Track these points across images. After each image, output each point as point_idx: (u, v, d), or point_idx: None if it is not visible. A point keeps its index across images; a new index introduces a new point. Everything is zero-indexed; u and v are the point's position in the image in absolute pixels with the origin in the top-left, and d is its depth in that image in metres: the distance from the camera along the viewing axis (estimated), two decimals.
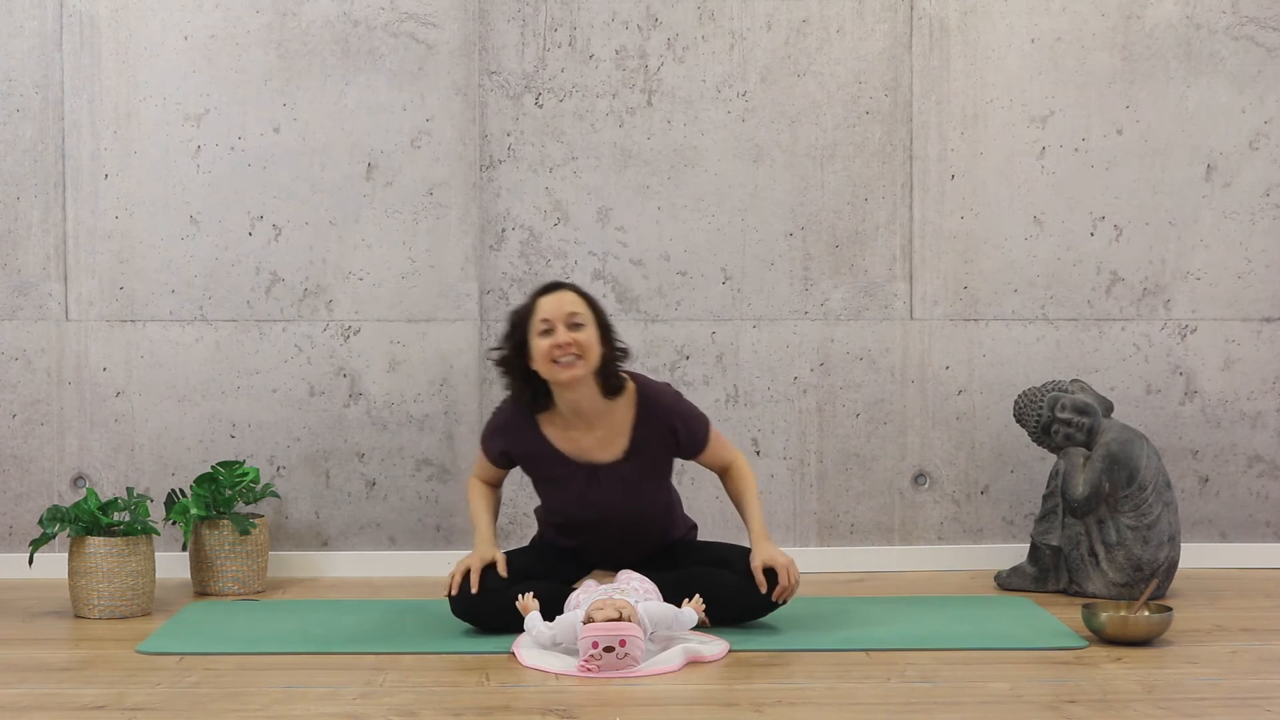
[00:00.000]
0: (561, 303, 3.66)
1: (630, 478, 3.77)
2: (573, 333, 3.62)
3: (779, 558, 3.71)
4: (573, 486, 3.78)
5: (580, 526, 3.84)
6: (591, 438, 3.75)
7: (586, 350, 3.63)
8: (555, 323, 3.63)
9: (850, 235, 4.69)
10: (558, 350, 3.61)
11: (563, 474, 3.78)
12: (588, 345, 3.64)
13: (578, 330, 3.64)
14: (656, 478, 3.85)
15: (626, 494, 3.78)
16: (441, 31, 4.61)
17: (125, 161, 4.57)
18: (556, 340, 3.61)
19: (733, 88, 4.65)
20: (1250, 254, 4.76)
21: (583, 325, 3.65)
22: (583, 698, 3.15)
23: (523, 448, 3.80)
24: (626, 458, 3.76)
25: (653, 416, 3.76)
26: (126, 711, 3.05)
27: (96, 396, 4.59)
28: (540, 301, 3.69)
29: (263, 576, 4.37)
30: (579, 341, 3.62)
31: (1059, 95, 4.70)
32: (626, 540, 3.87)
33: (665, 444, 3.80)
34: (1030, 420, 4.41)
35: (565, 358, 3.61)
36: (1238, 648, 3.61)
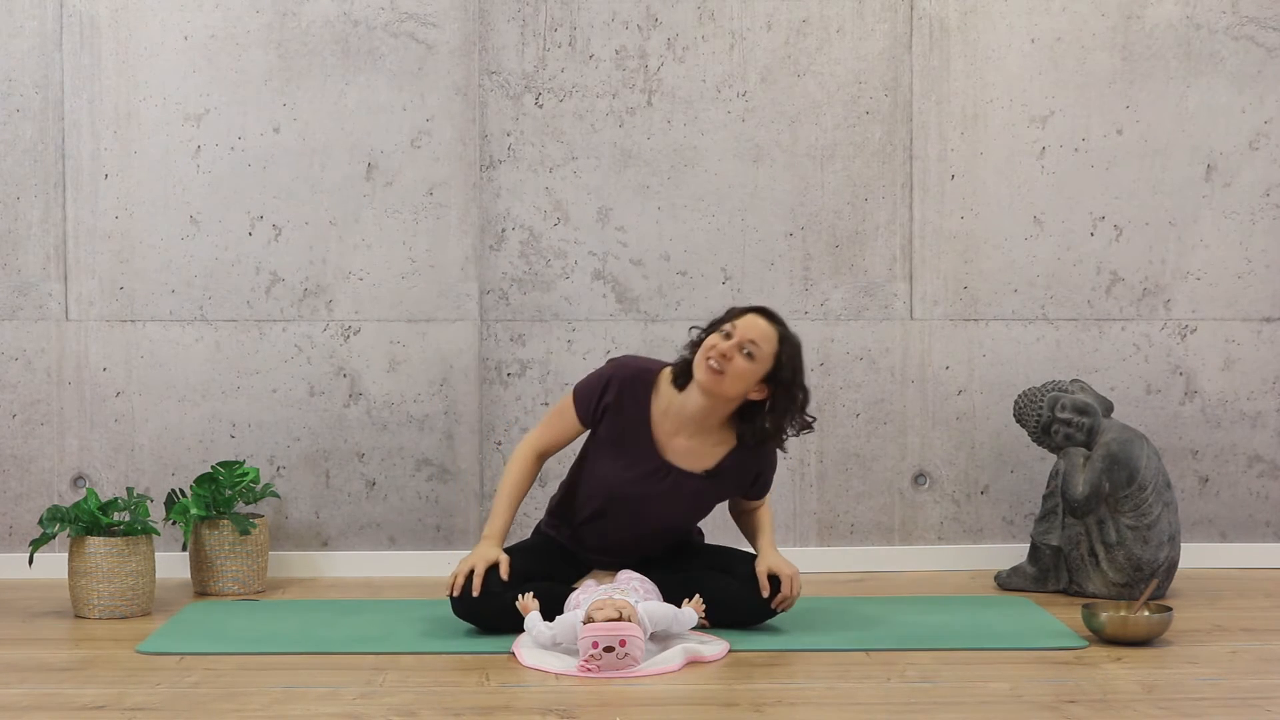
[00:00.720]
0: (756, 327, 3.65)
1: (692, 494, 3.78)
2: (740, 354, 3.61)
3: (785, 567, 3.72)
4: (638, 468, 3.74)
5: (612, 508, 3.78)
6: (686, 443, 3.74)
7: (735, 376, 3.62)
8: (736, 334, 3.63)
9: (850, 235, 4.69)
10: (714, 353, 3.61)
11: (637, 452, 3.74)
12: (740, 374, 3.62)
13: (746, 358, 3.62)
14: (710, 506, 3.87)
15: (679, 504, 3.79)
16: (441, 31, 4.61)
17: (125, 161, 4.57)
18: (721, 346, 3.61)
19: (733, 88, 4.65)
20: (1250, 254, 4.76)
21: (753, 357, 3.62)
22: (583, 698, 3.15)
23: (626, 402, 3.74)
24: (705, 476, 3.76)
25: (749, 457, 3.77)
26: (126, 711, 3.05)
27: (96, 396, 4.59)
28: (747, 314, 3.68)
29: (263, 576, 4.37)
30: (736, 363, 3.61)
31: (1059, 95, 4.70)
32: (637, 540, 3.86)
33: (742, 482, 3.82)
34: (1030, 420, 4.41)
35: (715, 362, 3.61)
36: (1238, 648, 3.61)
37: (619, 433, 3.76)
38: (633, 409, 3.75)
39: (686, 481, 3.75)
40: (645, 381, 3.76)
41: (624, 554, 3.88)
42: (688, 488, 3.76)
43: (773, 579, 3.72)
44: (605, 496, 3.79)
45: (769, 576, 3.71)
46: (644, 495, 3.76)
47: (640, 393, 3.75)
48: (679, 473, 3.75)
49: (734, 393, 3.65)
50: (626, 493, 3.77)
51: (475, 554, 3.69)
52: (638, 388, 3.75)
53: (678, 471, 3.75)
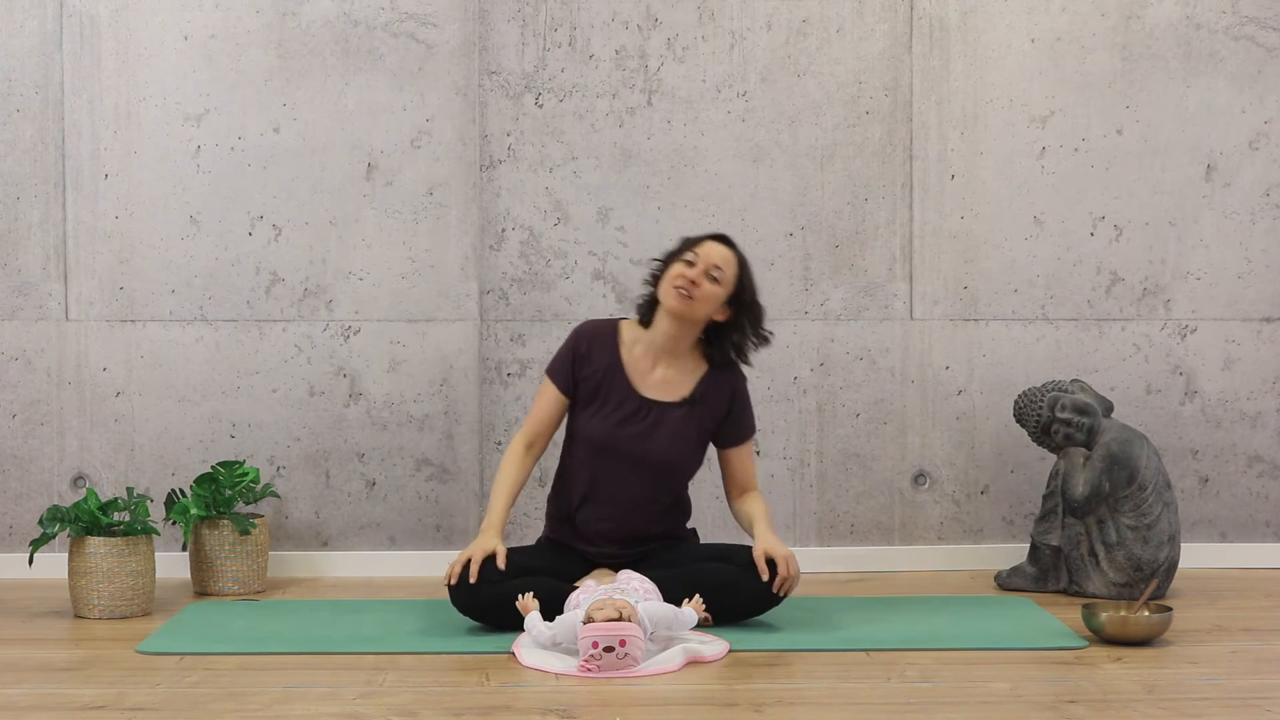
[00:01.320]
0: (716, 252, 3.84)
1: (677, 424, 3.88)
2: (705, 279, 3.80)
3: (779, 549, 3.76)
4: (621, 411, 3.87)
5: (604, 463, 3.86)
6: (660, 374, 3.91)
7: (701, 299, 3.81)
8: (699, 261, 3.81)
9: (850, 235, 4.69)
10: (681, 279, 3.79)
11: (617, 397, 3.88)
12: (706, 297, 3.82)
13: (711, 282, 3.81)
14: (696, 438, 3.92)
15: (666, 437, 3.86)
16: (441, 31, 4.61)
17: (125, 161, 4.57)
18: (687, 272, 3.79)
19: (733, 88, 4.65)
20: (1250, 254, 4.76)
21: (717, 281, 3.82)
22: (583, 698, 3.15)
23: (597, 355, 3.91)
24: (684, 403, 3.90)
25: (721, 379, 3.94)
26: (126, 711, 3.05)
27: (96, 396, 4.59)
28: (705, 242, 3.87)
29: (263, 576, 4.37)
30: (703, 288, 3.80)
31: (1059, 95, 4.70)
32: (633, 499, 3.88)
33: (719, 408, 3.93)
34: (1030, 420, 4.41)
35: (683, 289, 3.78)
36: (1238, 648, 3.61)
37: (596, 385, 3.90)
38: (603, 356, 3.91)
39: (668, 412, 3.88)
40: (608, 331, 3.97)
41: (622, 524, 3.89)
42: (671, 419, 3.88)
43: (770, 563, 3.73)
44: (596, 452, 3.88)
45: (766, 560, 3.73)
46: (632, 436, 3.85)
47: (607, 340, 3.94)
48: (660, 406, 3.88)
49: (701, 315, 3.84)
50: (616, 440, 3.87)
51: (473, 545, 3.74)
52: (603, 337, 3.95)
53: (659, 405, 3.88)
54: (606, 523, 3.90)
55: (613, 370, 3.90)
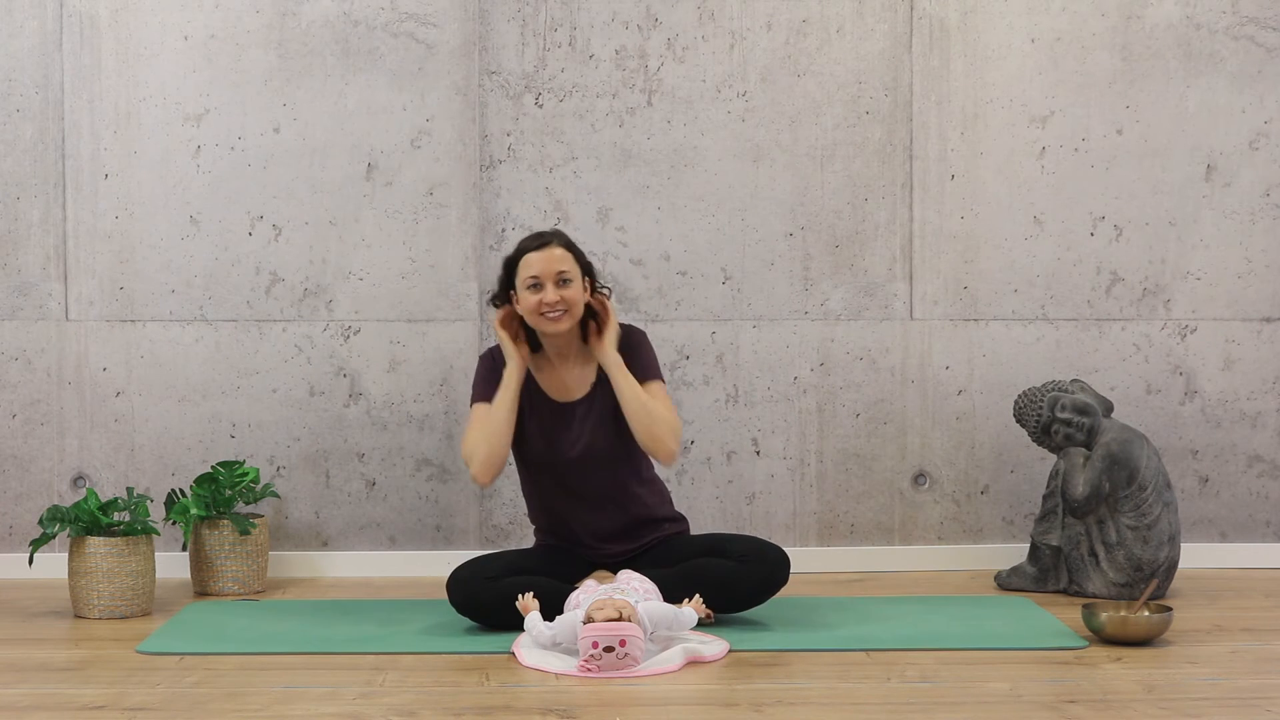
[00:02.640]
0: (550, 260, 3.80)
1: (599, 410, 3.87)
2: (560, 290, 3.79)
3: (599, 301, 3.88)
4: (548, 423, 3.88)
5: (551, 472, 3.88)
6: (568, 373, 3.92)
7: (573, 305, 3.82)
8: (544, 279, 3.78)
9: (850, 235, 4.69)
10: (545, 306, 3.78)
11: (542, 412, 3.89)
12: (574, 300, 3.82)
13: (565, 287, 3.81)
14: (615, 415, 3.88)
15: (600, 423, 3.86)
16: (441, 31, 4.61)
17: (125, 161, 4.57)
18: (545, 298, 3.78)
19: (733, 88, 4.65)
20: (1250, 254, 4.76)
21: (570, 281, 3.81)
22: (583, 698, 3.15)
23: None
24: (593, 389, 3.90)
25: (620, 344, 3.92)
26: (126, 711, 3.05)
27: (96, 396, 4.59)
28: (529, 256, 3.82)
29: (263, 576, 4.37)
30: (565, 298, 3.80)
31: (1059, 95, 4.70)
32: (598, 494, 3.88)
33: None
34: (1030, 420, 4.41)
35: (553, 313, 3.79)
36: (1238, 648, 3.61)
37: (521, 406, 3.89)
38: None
39: (585, 405, 3.89)
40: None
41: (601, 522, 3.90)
42: (590, 409, 3.88)
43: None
44: (541, 472, 3.91)
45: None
46: (563, 445, 3.86)
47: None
48: (578, 404, 3.89)
49: (579, 314, 3.84)
50: (550, 457, 3.88)
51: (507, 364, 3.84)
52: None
53: (577, 404, 3.89)
54: (586, 527, 3.92)
55: (529, 387, 3.90)
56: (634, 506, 3.93)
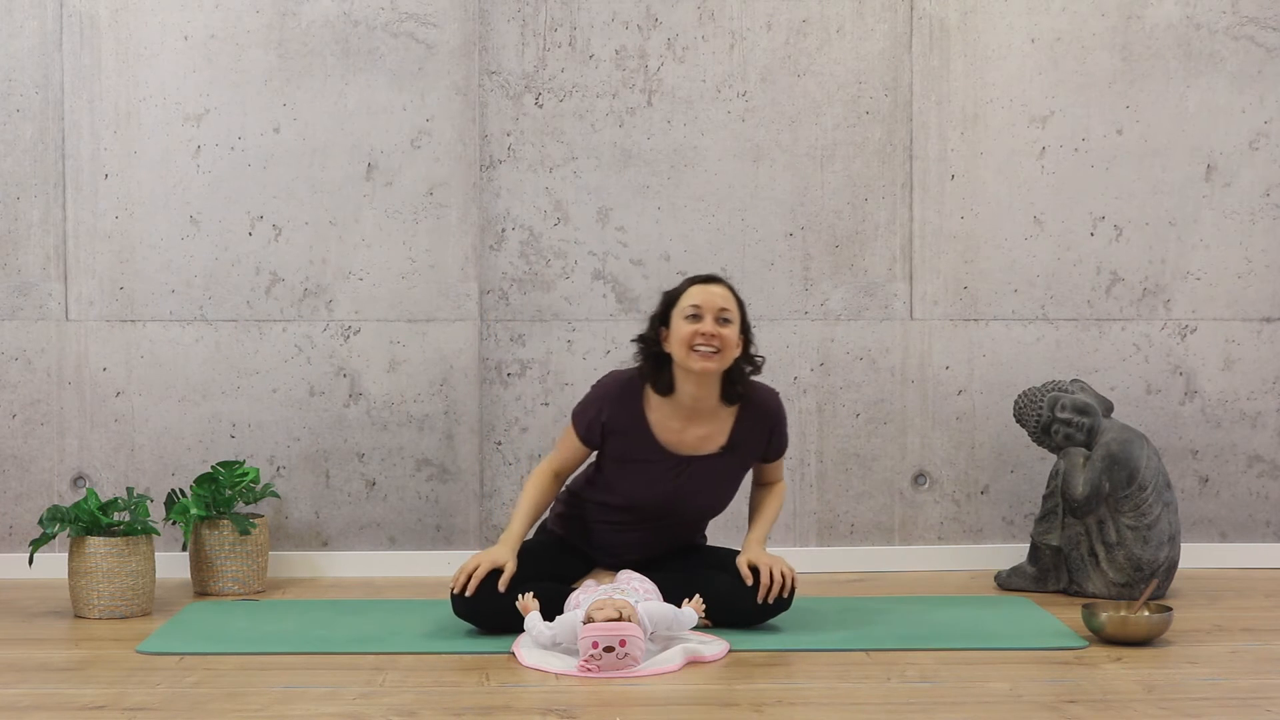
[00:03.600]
0: (715, 296, 3.67)
1: (718, 472, 3.80)
2: (719, 327, 3.64)
3: (762, 557, 3.72)
4: (656, 474, 3.76)
5: (640, 513, 3.81)
6: (692, 433, 3.76)
7: (727, 346, 3.66)
8: (705, 312, 3.64)
9: (850, 235, 4.69)
10: (700, 339, 3.63)
11: (650, 460, 3.75)
12: (729, 342, 3.66)
13: (724, 326, 3.66)
14: (739, 475, 3.86)
15: (708, 487, 3.81)
16: (441, 31, 4.61)
17: (125, 161, 4.57)
18: (701, 328, 3.63)
19: (733, 88, 4.65)
20: (1250, 254, 4.76)
21: (730, 322, 3.67)
22: (583, 698, 3.15)
23: (622, 421, 3.75)
24: (722, 453, 3.78)
25: (757, 417, 3.79)
26: (126, 711, 3.05)
27: (96, 396, 4.59)
28: (694, 289, 3.69)
29: (263, 576, 4.37)
30: (722, 336, 3.64)
31: (1059, 95, 4.70)
32: (669, 533, 3.87)
33: (758, 445, 3.83)
34: (1030, 420, 4.41)
35: (705, 348, 3.63)
36: (1238, 648, 3.61)
37: (625, 448, 3.77)
38: (630, 422, 3.75)
39: (707, 464, 3.78)
40: (632, 392, 3.76)
41: (642, 549, 3.88)
42: (711, 469, 3.79)
43: (753, 570, 3.72)
44: (629, 506, 3.81)
45: (749, 568, 3.72)
46: (669, 495, 3.78)
47: (632, 405, 3.76)
48: (697, 460, 3.77)
49: (729, 363, 3.68)
50: (648, 504, 3.79)
51: (485, 553, 3.69)
52: (628, 401, 3.76)
53: (696, 460, 3.77)
54: (625, 546, 3.88)
55: (641, 434, 3.75)
56: (693, 539, 3.95)
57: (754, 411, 3.79)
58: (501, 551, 3.69)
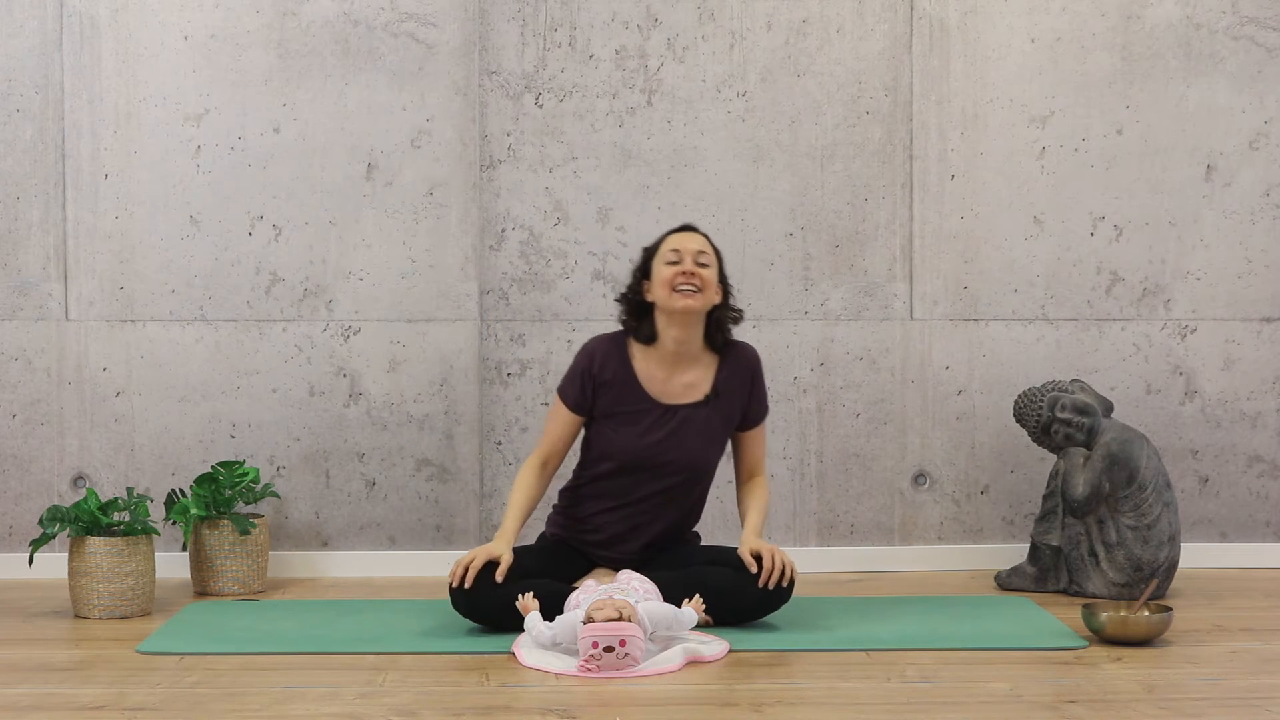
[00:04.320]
0: (692, 241, 3.86)
1: (704, 422, 3.87)
2: (698, 268, 3.80)
3: (764, 545, 3.76)
4: (645, 425, 3.85)
5: (633, 476, 3.85)
6: (678, 381, 3.88)
7: (706, 286, 3.82)
8: (684, 255, 3.82)
9: (850, 235, 4.69)
10: (681, 278, 3.79)
11: (638, 410, 3.86)
12: (709, 282, 3.83)
13: (703, 267, 3.82)
14: (724, 432, 3.92)
15: (696, 438, 3.86)
16: (441, 31, 4.61)
17: (125, 161, 4.57)
18: (682, 269, 3.79)
19: (733, 88, 4.65)
20: (1250, 254, 4.76)
21: (708, 265, 3.84)
22: (583, 698, 3.15)
23: (611, 370, 3.87)
24: (706, 400, 3.88)
25: (738, 363, 3.93)
26: (126, 711, 3.05)
27: (96, 396, 4.59)
28: (673, 236, 3.89)
29: (263, 576, 4.37)
30: (701, 275, 3.80)
31: (1059, 95, 4.70)
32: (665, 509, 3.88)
33: (741, 396, 3.92)
34: (1030, 420, 4.41)
35: (686, 286, 3.78)
36: (1238, 648, 3.61)
37: (615, 401, 3.87)
38: (619, 373, 3.87)
39: (693, 414, 3.86)
40: (620, 344, 3.92)
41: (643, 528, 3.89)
42: (696, 420, 3.86)
43: (756, 557, 3.74)
44: (622, 466, 3.86)
45: (752, 554, 3.75)
46: (657, 445, 3.83)
47: (620, 356, 3.90)
48: (683, 409, 3.87)
49: (709, 303, 3.84)
50: (641, 453, 3.84)
51: (481, 548, 3.73)
52: (616, 353, 3.90)
53: (682, 409, 3.86)
54: (625, 527, 3.90)
55: (628, 384, 3.87)
56: (679, 518, 3.95)
57: (735, 361, 3.93)
58: (497, 544, 3.73)
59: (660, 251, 3.86)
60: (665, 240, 3.88)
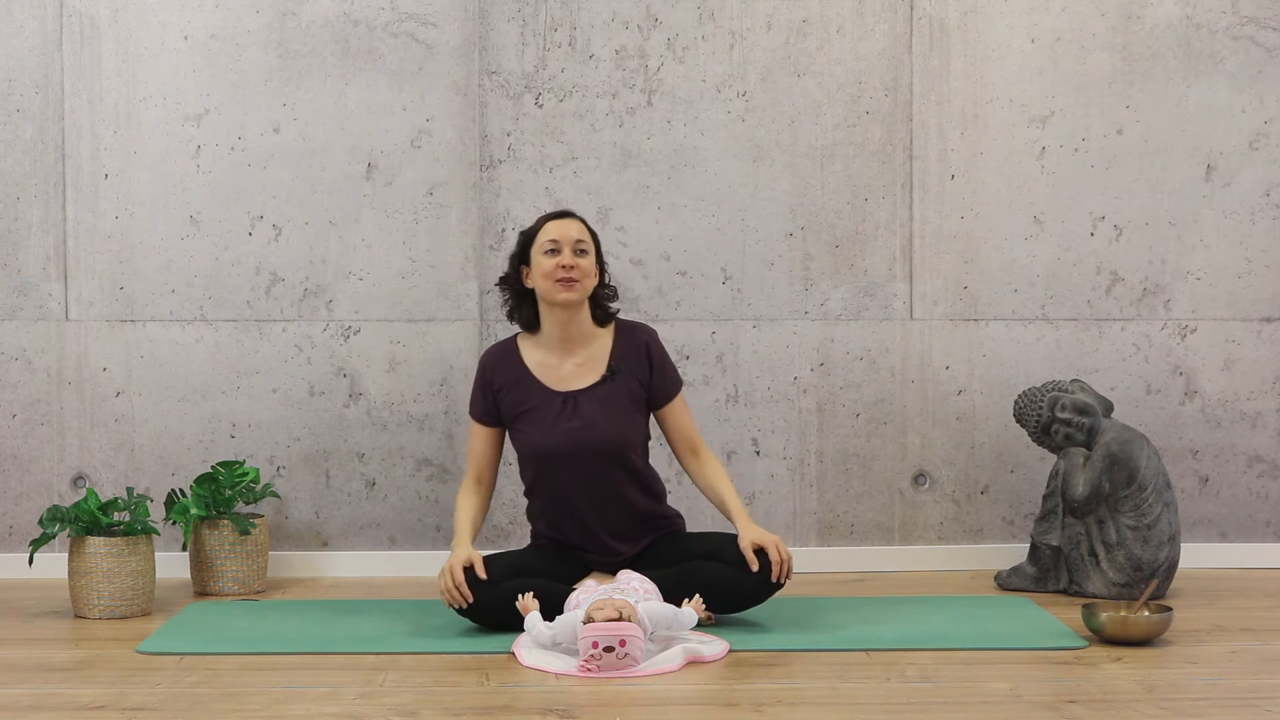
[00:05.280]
0: (570, 228, 3.86)
1: (608, 399, 3.87)
2: (577, 258, 3.82)
3: (766, 536, 3.75)
4: (550, 419, 3.85)
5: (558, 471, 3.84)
6: (571, 364, 3.91)
7: (585, 276, 3.84)
8: (562, 245, 3.83)
9: (850, 235, 4.69)
10: (561, 270, 3.80)
11: (540, 404, 3.87)
12: (587, 271, 3.85)
13: (581, 256, 3.84)
14: (633, 405, 3.91)
15: (605, 415, 3.85)
16: (441, 31, 4.61)
17: (125, 161, 4.57)
18: (561, 260, 3.80)
19: (733, 88, 4.65)
20: (1250, 254, 4.76)
21: (586, 253, 3.86)
22: (583, 698, 3.15)
23: (505, 374, 3.91)
24: (604, 380, 3.89)
25: (630, 339, 3.95)
26: (126, 711, 3.05)
27: (96, 396, 4.59)
28: (550, 224, 3.89)
29: (263, 576, 4.37)
30: (580, 266, 3.82)
31: (1059, 95, 4.70)
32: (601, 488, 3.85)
33: (640, 370, 3.92)
34: (1030, 420, 4.41)
35: (566, 278, 3.80)
36: (1238, 648, 3.61)
37: (517, 400, 3.90)
38: (513, 372, 3.92)
39: (593, 394, 3.88)
40: (508, 348, 3.98)
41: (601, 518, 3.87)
42: (598, 398, 3.87)
43: (759, 552, 3.73)
44: (543, 461, 3.86)
45: (755, 550, 3.73)
46: (569, 432, 3.83)
47: (509, 358, 3.94)
48: (582, 393, 3.88)
49: (589, 292, 3.87)
50: (554, 443, 3.84)
51: (451, 562, 3.70)
52: (505, 357, 3.95)
53: (581, 393, 3.88)
54: (579, 525, 3.89)
55: (525, 382, 3.90)
56: (634, 499, 3.91)
57: (629, 338, 3.95)
58: (460, 551, 3.73)
59: (539, 240, 3.85)
60: (544, 228, 3.87)
